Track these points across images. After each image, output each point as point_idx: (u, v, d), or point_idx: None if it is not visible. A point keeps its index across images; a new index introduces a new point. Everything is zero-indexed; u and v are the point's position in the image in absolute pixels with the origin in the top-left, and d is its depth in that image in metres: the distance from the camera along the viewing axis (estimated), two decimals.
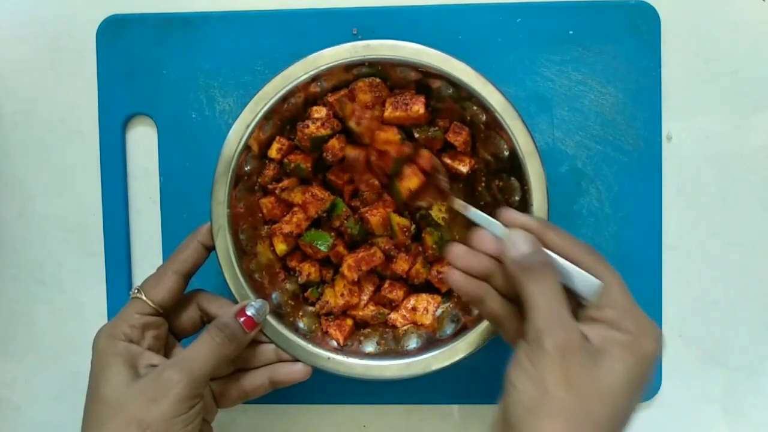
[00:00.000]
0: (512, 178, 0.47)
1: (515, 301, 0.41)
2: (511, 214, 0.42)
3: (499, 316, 0.41)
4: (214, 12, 0.53)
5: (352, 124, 0.47)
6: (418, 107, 0.47)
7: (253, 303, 0.45)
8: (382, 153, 0.47)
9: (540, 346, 0.37)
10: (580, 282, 0.40)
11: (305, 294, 0.51)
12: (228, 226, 0.46)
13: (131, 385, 0.41)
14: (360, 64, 0.46)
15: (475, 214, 0.44)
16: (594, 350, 0.37)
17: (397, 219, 0.49)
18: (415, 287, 0.51)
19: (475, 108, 0.46)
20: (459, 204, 0.46)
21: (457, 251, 0.41)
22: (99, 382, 0.42)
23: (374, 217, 0.48)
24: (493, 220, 0.43)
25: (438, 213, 0.51)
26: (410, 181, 0.47)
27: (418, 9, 0.52)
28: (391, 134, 0.47)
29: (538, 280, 0.38)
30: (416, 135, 0.49)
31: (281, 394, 0.54)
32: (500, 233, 0.42)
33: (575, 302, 0.40)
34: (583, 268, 0.40)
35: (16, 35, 0.55)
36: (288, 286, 0.50)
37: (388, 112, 0.47)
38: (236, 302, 0.46)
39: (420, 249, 0.50)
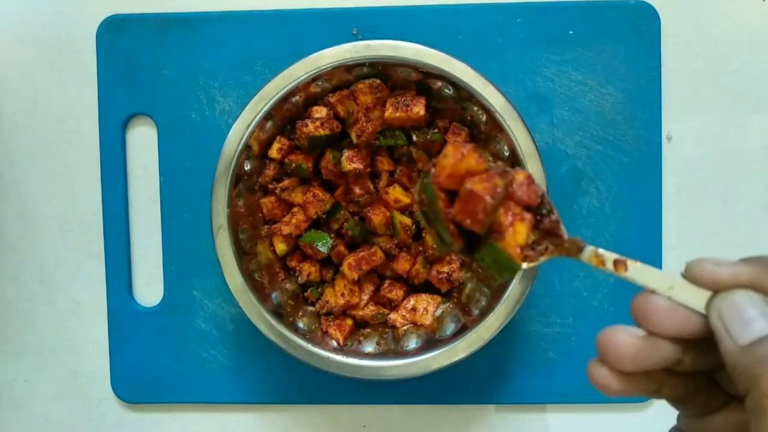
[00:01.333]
0: None
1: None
2: (717, 266, 0.28)
3: (677, 398, 0.30)
4: (214, 12, 0.53)
5: (353, 134, 0.48)
6: (419, 109, 0.47)
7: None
8: (467, 198, 0.31)
9: None
10: None
11: (305, 294, 0.51)
12: (228, 226, 0.46)
13: None
14: (360, 64, 0.46)
15: (641, 271, 0.30)
16: None
17: (400, 218, 0.49)
18: (414, 287, 0.51)
19: (475, 108, 0.46)
20: (606, 258, 0.31)
21: (621, 345, 0.28)
22: None
23: (377, 216, 0.48)
24: (677, 278, 0.29)
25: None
26: (516, 231, 0.32)
27: (418, 9, 0.52)
28: (472, 160, 0.32)
29: None
30: (415, 138, 0.49)
31: (281, 394, 0.54)
32: (693, 300, 0.28)
33: None
34: None
35: (16, 35, 0.55)
36: (288, 286, 0.50)
37: (389, 113, 0.47)
38: (233, 302, 0.46)
39: (420, 249, 0.50)
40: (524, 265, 0.32)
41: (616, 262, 0.30)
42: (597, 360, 0.28)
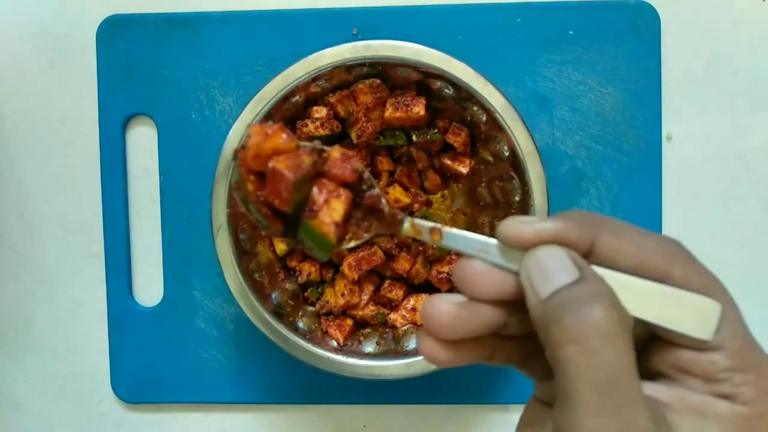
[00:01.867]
0: (513, 179, 0.47)
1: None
2: (519, 227, 0.27)
3: (515, 363, 0.30)
4: (214, 12, 0.53)
5: (353, 134, 0.48)
6: (419, 109, 0.47)
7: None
8: (270, 177, 0.31)
9: None
10: (675, 312, 0.25)
11: (305, 294, 0.51)
12: (228, 226, 0.46)
13: None
14: (360, 64, 0.46)
15: (455, 236, 0.29)
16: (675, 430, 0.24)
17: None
18: (414, 287, 0.51)
19: (475, 108, 0.46)
20: (424, 227, 0.30)
21: (440, 315, 0.27)
22: None
23: None
24: (491, 240, 0.28)
25: (438, 213, 0.51)
26: (332, 209, 0.31)
27: (418, 9, 0.52)
28: (279, 139, 0.31)
29: (588, 335, 0.23)
30: (415, 138, 0.49)
31: (281, 394, 0.54)
32: (507, 260, 0.27)
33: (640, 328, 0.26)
34: (672, 283, 0.26)
35: (16, 35, 0.55)
36: (288, 286, 0.50)
37: (389, 113, 0.47)
38: (233, 302, 0.46)
39: (420, 248, 0.50)
40: (351, 244, 0.32)
41: (431, 231, 0.30)
42: (423, 331, 0.28)
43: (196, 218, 0.53)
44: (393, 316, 0.50)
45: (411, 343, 0.48)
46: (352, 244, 0.32)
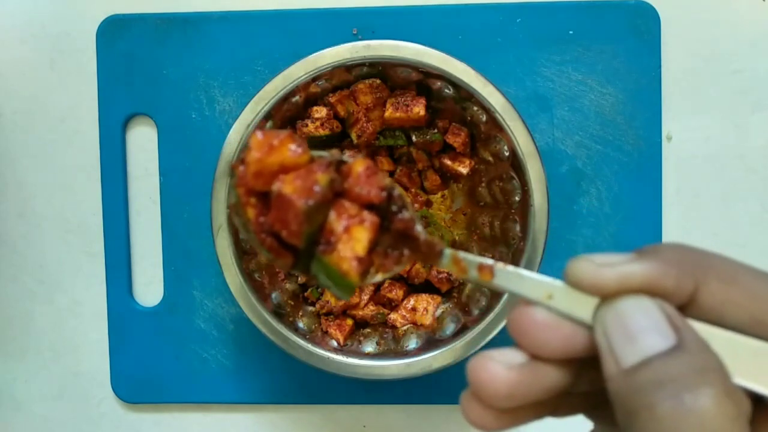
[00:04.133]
0: (513, 179, 0.47)
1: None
2: (601, 266, 0.21)
3: (581, 412, 0.25)
4: (214, 12, 0.53)
5: (353, 134, 0.48)
6: (419, 109, 0.47)
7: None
8: (276, 203, 0.25)
9: None
10: None
11: (305, 294, 0.51)
12: (228, 226, 0.46)
13: None
14: (360, 64, 0.46)
15: (511, 276, 0.24)
16: None
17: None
18: (414, 287, 0.51)
19: (475, 108, 0.46)
20: (468, 262, 0.25)
21: (495, 381, 0.22)
22: None
23: None
24: (557, 282, 0.23)
25: (438, 213, 0.51)
26: (355, 240, 0.25)
27: (418, 9, 0.52)
28: (286, 152, 0.26)
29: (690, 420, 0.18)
30: (415, 138, 0.49)
31: (281, 394, 0.54)
32: (578, 309, 0.22)
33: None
34: None
35: (16, 35, 0.55)
36: (288, 286, 0.50)
37: (389, 113, 0.47)
38: (233, 301, 0.46)
39: None
40: (378, 277, 0.26)
41: (480, 268, 0.24)
42: (470, 393, 0.23)
43: (196, 218, 0.53)
44: (393, 316, 0.50)
45: (411, 343, 0.48)
46: (378, 277, 0.26)
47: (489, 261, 0.24)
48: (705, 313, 0.21)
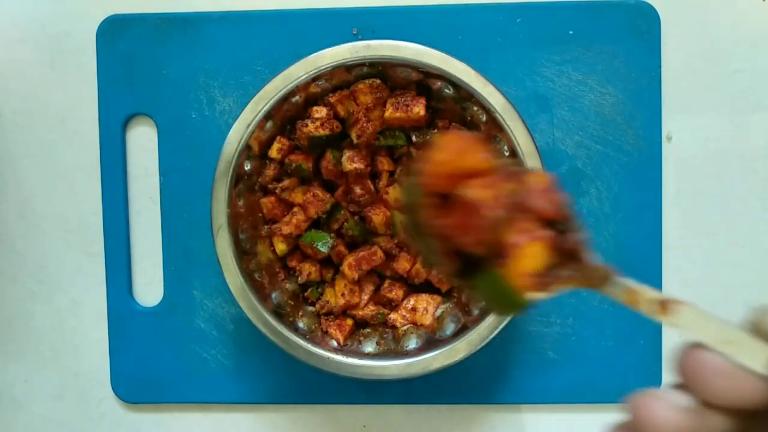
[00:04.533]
0: None
1: None
2: None
3: None
4: (214, 12, 0.53)
5: (353, 134, 0.48)
6: (419, 109, 0.47)
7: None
8: (463, 208, 0.25)
9: None
10: None
11: (305, 294, 0.51)
12: (228, 226, 0.46)
13: None
14: (360, 64, 0.46)
15: (694, 318, 0.23)
16: None
17: (400, 217, 0.49)
18: (414, 287, 0.51)
19: (475, 108, 0.46)
20: (644, 296, 0.24)
21: (653, 415, 0.21)
22: None
23: (377, 216, 0.48)
24: (739, 331, 0.22)
25: None
26: (529, 256, 0.24)
27: (418, 9, 0.52)
28: (475, 155, 0.25)
29: None
30: (415, 139, 0.49)
31: (281, 394, 0.54)
32: (759, 361, 0.21)
33: None
34: None
35: (16, 35, 0.55)
36: (288, 286, 0.50)
37: (389, 113, 0.47)
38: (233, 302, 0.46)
39: None
40: (537, 296, 0.25)
41: (661, 304, 0.23)
42: (625, 427, 0.22)
43: (196, 218, 0.53)
44: (393, 316, 0.50)
45: (411, 343, 0.48)
46: (538, 296, 0.25)
47: (669, 297, 0.23)
48: None
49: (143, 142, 0.54)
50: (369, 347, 0.49)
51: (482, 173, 0.25)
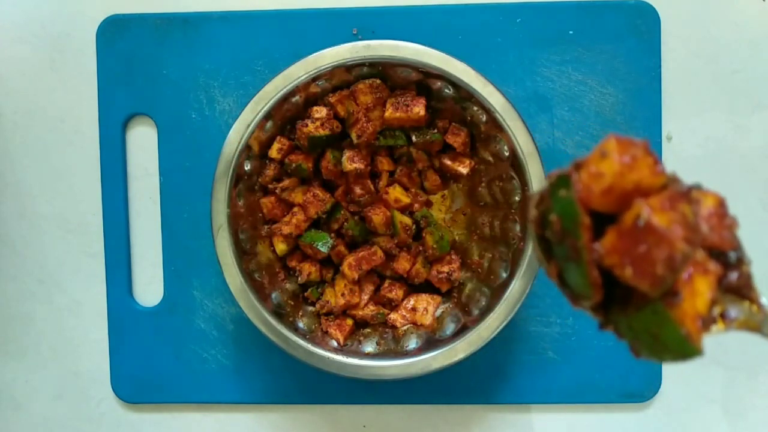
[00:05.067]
0: (513, 179, 0.47)
1: None
2: None
3: None
4: (214, 12, 0.53)
5: (353, 134, 0.48)
6: (419, 109, 0.47)
7: None
8: (644, 234, 0.20)
9: None
10: None
11: (305, 294, 0.51)
12: (228, 226, 0.46)
13: None
14: (360, 64, 0.46)
15: None
16: None
17: (400, 217, 0.49)
18: (414, 287, 0.51)
19: (475, 108, 0.46)
20: None
21: None
22: None
23: (377, 216, 0.48)
24: None
25: (438, 213, 0.51)
26: (698, 293, 0.21)
27: (418, 9, 0.52)
28: (646, 168, 0.21)
29: None
30: (414, 139, 0.49)
31: (281, 394, 0.54)
32: None
33: None
34: None
35: (16, 35, 0.55)
36: (288, 286, 0.50)
37: (389, 113, 0.47)
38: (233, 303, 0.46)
39: (420, 248, 0.50)
40: (700, 337, 0.21)
41: None
42: None
43: (196, 218, 0.53)
44: (393, 316, 0.50)
45: (411, 343, 0.48)
46: (700, 337, 0.20)
47: None
48: None
49: (143, 142, 0.54)
50: (369, 347, 0.49)
51: (653, 190, 0.20)
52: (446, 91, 0.47)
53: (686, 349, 0.20)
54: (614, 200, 0.20)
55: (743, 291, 0.22)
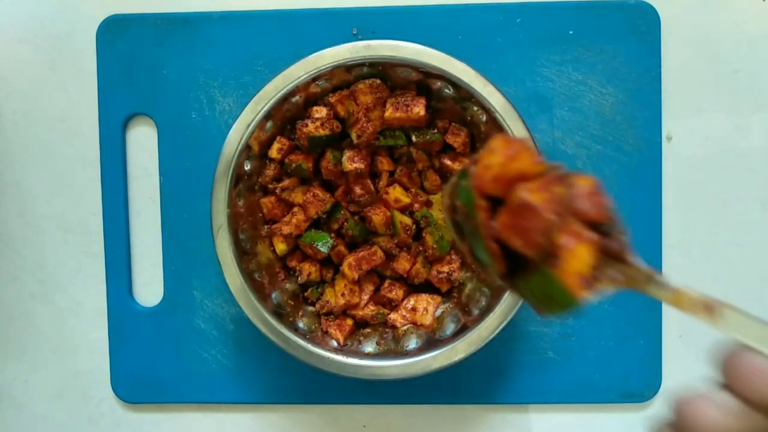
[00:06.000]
0: None
1: None
2: None
3: None
4: (214, 12, 0.53)
5: (353, 134, 0.48)
6: (419, 109, 0.47)
7: None
8: (518, 210, 0.25)
9: None
10: None
11: (305, 294, 0.51)
12: (228, 226, 0.46)
13: None
14: (360, 64, 0.46)
15: (738, 320, 0.24)
16: None
17: (400, 217, 0.49)
18: (414, 287, 0.51)
19: (475, 108, 0.46)
20: (689, 300, 0.26)
21: (699, 415, 0.23)
22: None
23: (377, 216, 0.48)
24: None
25: (438, 213, 0.51)
26: (578, 257, 0.25)
27: (418, 9, 0.52)
28: (527, 159, 0.26)
29: None
30: (414, 139, 0.49)
31: (281, 394, 0.54)
32: None
33: None
34: None
35: (16, 35, 0.55)
36: (288, 286, 0.50)
37: (389, 113, 0.47)
38: (233, 302, 0.46)
39: (420, 248, 0.50)
40: (586, 296, 0.25)
41: (705, 306, 0.24)
42: (669, 425, 0.22)
43: (196, 218, 0.53)
44: (393, 316, 0.50)
45: (411, 343, 0.48)
46: (587, 295, 0.25)
47: (714, 300, 0.24)
48: None
49: (143, 142, 0.54)
50: (369, 347, 0.49)
51: (533, 176, 0.26)
52: (446, 91, 0.47)
53: (569, 301, 0.25)
54: (503, 186, 0.25)
55: (622, 256, 0.26)
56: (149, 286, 0.55)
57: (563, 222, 0.25)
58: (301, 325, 0.49)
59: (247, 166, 0.48)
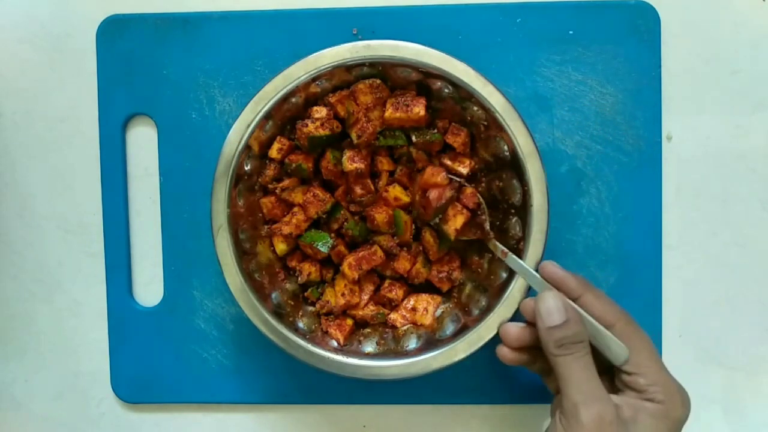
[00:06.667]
0: (513, 179, 0.47)
1: None
2: (552, 268, 0.44)
3: (546, 371, 0.45)
4: (214, 12, 0.53)
5: (353, 134, 0.48)
6: (419, 109, 0.47)
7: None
8: (426, 197, 0.47)
9: (577, 419, 0.39)
10: (611, 348, 0.42)
11: (305, 294, 0.51)
12: (228, 226, 0.46)
13: None
14: (360, 64, 0.46)
15: (513, 261, 0.45)
16: (627, 420, 0.40)
17: (404, 217, 0.49)
18: (415, 287, 0.51)
19: (475, 108, 0.46)
20: (498, 248, 0.46)
21: (509, 332, 0.44)
22: None
23: (380, 214, 0.48)
24: (533, 271, 0.44)
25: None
26: (456, 221, 0.48)
27: (418, 9, 0.52)
28: (439, 177, 0.47)
29: (570, 353, 0.41)
30: (414, 139, 0.49)
31: (281, 394, 0.54)
32: (537, 287, 0.44)
33: (604, 364, 0.43)
34: (615, 333, 0.42)
35: (16, 35, 0.55)
36: (288, 286, 0.50)
37: (389, 113, 0.47)
38: (233, 302, 0.46)
39: (420, 248, 0.50)
40: (455, 237, 0.48)
41: (502, 252, 0.46)
42: (501, 344, 0.45)
43: (196, 218, 0.53)
44: (393, 316, 0.50)
45: (411, 343, 0.48)
46: (457, 237, 0.48)
47: (505, 249, 0.46)
48: (586, 309, 0.43)
49: (143, 142, 0.54)
50: (369, 347, 0.49)
51: (441, 185, 0.47)
52: (446, 91, 0.47)
53: (448, 239, 0.48)
54: (426, 188, 0.48)
55: (481, 225, 0.48)
56: (149, 286, 0.55)
57: (453, 205, 0.48)
58: (301, 325, 0.49)
59: (247, 166, 0.48)
